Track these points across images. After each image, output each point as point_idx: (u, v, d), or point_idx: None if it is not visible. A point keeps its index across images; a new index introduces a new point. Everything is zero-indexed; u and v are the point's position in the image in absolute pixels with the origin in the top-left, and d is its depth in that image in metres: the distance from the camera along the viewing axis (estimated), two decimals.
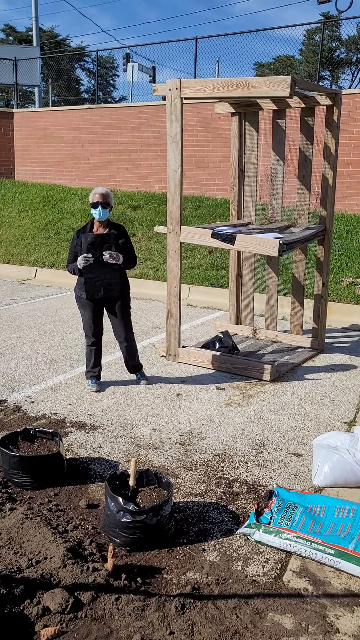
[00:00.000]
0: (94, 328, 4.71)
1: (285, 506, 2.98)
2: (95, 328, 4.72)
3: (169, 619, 2.32)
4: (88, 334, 4.73)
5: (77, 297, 4.69)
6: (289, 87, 4.30)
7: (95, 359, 4.79)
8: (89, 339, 4.74)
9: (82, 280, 4.54)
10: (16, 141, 14.72)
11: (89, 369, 4.83)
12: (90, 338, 4.73)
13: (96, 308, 4.66)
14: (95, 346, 4.76)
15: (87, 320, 4.69)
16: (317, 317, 5.97)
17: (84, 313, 4.69)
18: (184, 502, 3.21)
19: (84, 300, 4.62)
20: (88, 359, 4.81)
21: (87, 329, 4.72)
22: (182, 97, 4.90)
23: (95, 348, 4.76)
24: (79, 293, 4.65)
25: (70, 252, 4.63)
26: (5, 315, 7.18)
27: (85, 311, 4.68)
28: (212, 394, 4.82)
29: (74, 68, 32.41)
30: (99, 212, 4.44)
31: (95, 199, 4.44)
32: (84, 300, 4.62)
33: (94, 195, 4.46)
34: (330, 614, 2.41)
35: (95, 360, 4.80)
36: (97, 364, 4.83)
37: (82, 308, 4.70)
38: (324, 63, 20.04)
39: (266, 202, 6.21)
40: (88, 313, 4.66)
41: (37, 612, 2.27)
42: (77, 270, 4.53)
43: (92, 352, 4.77)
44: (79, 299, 4.69)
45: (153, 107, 12.17)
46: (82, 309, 4.70)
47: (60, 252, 10.21)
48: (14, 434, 3.56)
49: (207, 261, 9.12)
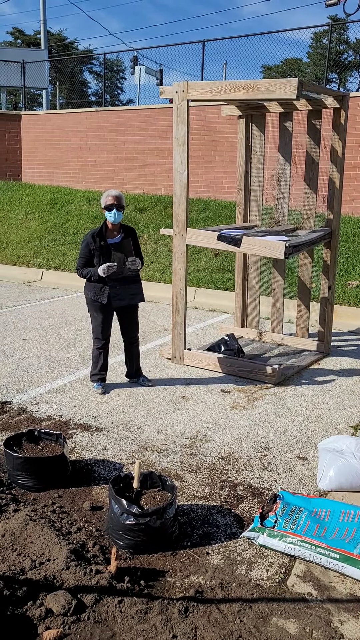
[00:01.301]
0: (106, 331, 4.72)
1: (290, 510, 2.96)
2: (107, 331, 4.72)
3: (172, 622, 2.30)
4: (99, 336, 4.72)
5: (91, 301, 4.64)
6: (295, 90, 4.30)
7: (104, 361, 4.79)
8: (99, 342, 4.73)
9: (98, 286, 4.53)
10: (23, 143, 14.78)
11: (96, 371, 4.82)
12: (100, 341, 4.72)
13: (110, 312, 4.68)
14: (104, 349, 4.76)
15: (99, 324, 4.68)
16: (323, 320, 5.95)
17: (97, 316, 4.67)
18: (188, 505, 3.20)
19: (99, 304, 4.60)
20: (96, 361, 4.80)
21: (98, 332, 4.71)
22: (189, 99, 4.90)
23: (104, 351, 4.77)
24: (94, 297, 4.59)
25: (83, 256, 4.55)
26: (11, 317, 7.19)
27: (98, 315, 4.66)
28: (217, 396, 4.80)
29: (82, 71, 32.55)
30: (114, 215, 4.46)
31: (109, 201, 4.44)
32: (99, 304, 4.60)
33: (107, 198, 4.46)
34: (334, 619, 2.39)
35: (104, 363, 4.80)
36: (106, 367, 4.83)
37: (95, 311, 4.66)
38: (332, 66, 20.03)
39: (272, 204, 6.20)
40: (101, 317, 4.65)
41: (40, 614, 2.27)
42: (94, 277, 4.49)
43: (101, 354, 4.77)
44: (92, 303, 4.64)
45: (160, 110, 12.20)
46: (95, 312, 4.67)
47: (66, 254, 10.23)
48: (18, 436, 3.57)
49: (213, 264, 9.11)
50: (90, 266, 4.56)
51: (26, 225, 11.62)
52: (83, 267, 4.57)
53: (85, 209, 11.70)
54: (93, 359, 4.82)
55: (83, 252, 4.55)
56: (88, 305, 4.71)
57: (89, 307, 4.70)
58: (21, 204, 12.50)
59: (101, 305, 4.61)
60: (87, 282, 4.64)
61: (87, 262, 4.54)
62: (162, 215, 10.76)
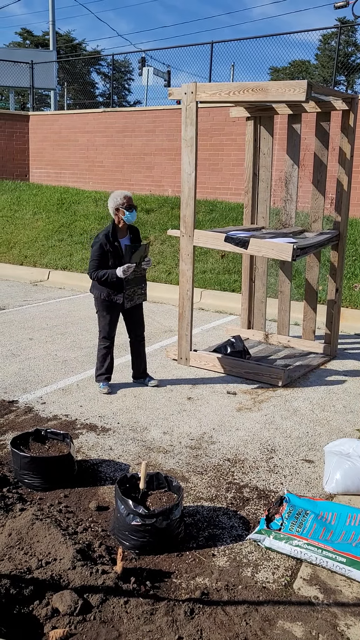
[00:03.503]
0: (113, 331, 4.74)
1: (296, 513, 2.95)
2: (114, 331, 4.75)
3: (177, 623, 2.30)
4: (107, 336, 4.73)
5: (102, 301, 4.63)
6: (305, 92, 4.29)
7: (111, 361, 4.81)
8: (106, 342, 4.74)
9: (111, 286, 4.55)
10: (31, 144, 14.83)
11: (102, 371, 4.83)
12: (107, 340, 4.74)
13: (118, 312, 4.72)
14: (110, 349, 4.78)
15: (108, 323, 4.69)
16: (330, 322, 5.93)
17: (106, 316, 4.67)
18: (194, 506, 3.19)
19: (111, 304, 4.62)
20: (102, 361, 4.80)
21: (106, 332, 4.72)
22: (198, 101, 4.90)
23: (111, 350, 4.79)
24: (108, 297, 4.59)
25: (96, 258, 4.49)
26: (18, 317, 7.21)
27: (107, 315, 4.67)
28: (223, 398, 4.80)
29: (90, 72, 32.65)
30: (134, 215, 4.56)
31: (128, 202, 4.51)
32: (111, 304, 4.62)
33: (123, 199, 4.49)
34: (341, 623, 2.38)
35: (110, 362, 4.82)
36: (112, 367, 4.85)
37: (105, 311, 4.66)
38: (340, 68, 19.99)
39: (280, 206, 6.19)
40: (110, 316, 4.67)
41: (46, 614, 2.27)
42: (112, 278, 4.47)
43: (108, 354, 4.78)
44: (102, 302, 4.63)
45: (167, 111, 12.20)
46: (105, 312, 4.67)
47: (73, 255, 10.25)
48: (25, 435, 3.58)
49: (219, 265, 9.11)
50: (103, 268, 4.55)
51: (33, 225, 11.65)
52: (97, 270, 4.53)
53: (92, 210, 11.72)
54: (99, 359, 4.82)
55: (97, 254, 4.49)
56: (97, 305, 4.70)
57: (99, 307, 4.70)
58: (28, 204, 12.54)
59: (111, 305, 4.62)
60: (97, 283, 4.61)
61: (100, 264, 4.52)
62: (168, 217, 10.76)
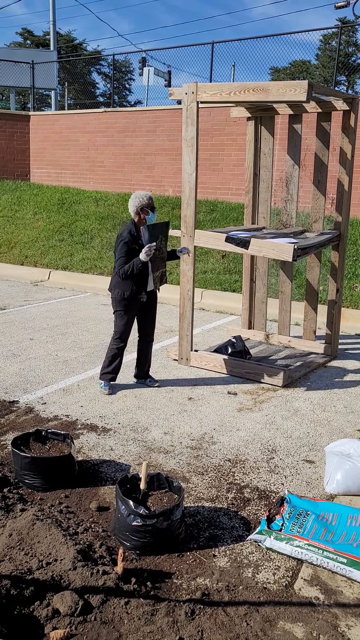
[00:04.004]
0: (129, 333, 4.73)
1: (297, 513, 2.95)
2: (129, 333, 4.73)
3: (178, 624, 2.30)
4: (122, 337, 4.70)
5: (122, 300, 4.59)
6: (305, 92, 4.29)
7: (119, 363, 4.79)
8: (120, 342, 4.72)
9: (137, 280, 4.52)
10: (32, 144, 14.83)
11: (108, 370, 4.78)
12: (121, 342, 4.72)
13: (136, 312, 4.70)
14: (122, 350, 4.76)
15: (125, 324, 4.67)
16: (330, 323, 5.93)
17: (124, 316, 4.65)
18: (195, 506, 3.19)
19: (130, 304, 4.60)
20: (111, 360, 4.76)
21: (123, 332, 4.69)
22: (199, 101, 4.90)
23: (122, 352, 4.77)
24: (131, 295, 4.56)
25: (124, 255, 4.46)
26: (18, 317, 7.22)
27: (126, 315, 4.64)
28: (223, 398, 4.80)
29: (90, 72, 32.66)
30: (154, 216, 4.59)
31: (151, 203, 4.53)
32: (130, 304, 4.60)
33: (145, 200, 4.50)
34: (341, 624, 2.38)
35: (119, 364, 4.79)
36: (119, 368, 4.83)
37: (124, 311, 4.63)
38: (340, 68, 19.98)
39: (281, 206, 6.19)
40: (128, 317, 4.65)
41: (47, 614, 2.27)
42: (137, 266, 4.42)
43: (119, 356, 4.76)
44: (122, 302, 4.60)
45: (168, 111, 12.20)
46: (123, 312, 4.63)
47: (74, 255, 10.25)
48: (26, 435, 3.58)
49: (220, 265, 9.11)
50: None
51: (34, 225, 11.65)
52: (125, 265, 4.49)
53: (93, 210, 11.72)
54: (108, 357, 4.76)
55: (124, 251, 4.47)
56: (116, 305, 4.65)
57: (118, 307, 4.65)
58: (29, 204, 12.54)
59: (131, 305, 4.60)
60: (121, 280, 4.54)
61: (128, 260, 4.49)
62: (169, 217, 10.76)
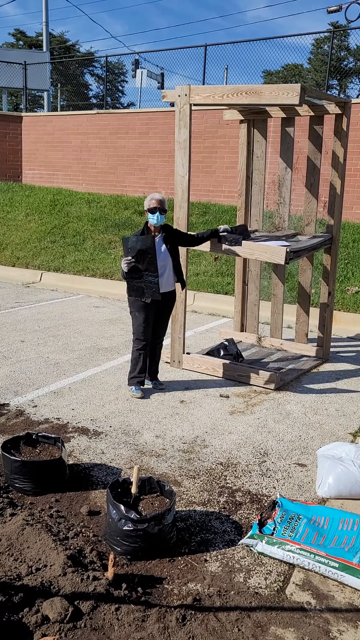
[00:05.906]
0: (148, 332, 4.69)
1: (289, 517, 2.94)
2: (148, 332, 4.70)
3: (169, 630, 2.28)
4: (140, 337, 4.68)
5: (134, 301, 4.60)
6: (298, 95, 4.29)
7: (143, 363, 4.75)
8: (140, 343, 4.69)
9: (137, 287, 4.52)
10: (24, 145, 14.77)
11: (135, 374, 4.76)
12: (141, 342, 4.69)
13: (152, 311, 4.65)
14: (144, 350, 4.72)
15: (142, 323, 4.65)
16: (322, 325, 5.93)
17: (139, 316, 4.63)
18: (187, 511, 3.17)
19: (143, 303, 4.58)
20: (135, 364, 4.74)
21: (140, 333, 4.67)
22: (191, 103, 4.89)
23: (144, 352, 4.73)
24: (142, 297, 4.55)
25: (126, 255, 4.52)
26: (9, 318, 7.17)
27: (140, 314, 4.63)
28: (215, 401, 4.78)
29: (83, 73, 32.62)
30: (157, 218, 4.52)
31: (153, 204, 4.50)
32: (143, 303, 4.58)
33: (151, 201, 4.51)
34: (333, 629, 2.37)
35: (143, 365, 4.76)
36: (145, 369, 4.80)
37: (137, 310, 4.63)
38: (332, 72, 20.09)
39: (273, 209, 6.19)
40: (143, 316, 4.63)
41: (36, 621, 2.24)
42: (123, 276, 4.55)
43: (141, 356, 4.72)
44: (135, 302, 4.60)
45: (161, 113, 12.21)
46: (137, 312, 4.63)
47: (65, 256, 10.21)
48: (16, 439, 3.54)
49: (212, 268, 9.10)
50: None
51: (26, 226, 11.60)
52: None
53: (85, 211, 11.69)
54: (132, 362, 4.76)
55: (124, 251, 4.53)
56: (131, 306, 4.67)
57: (132, 307, 4.67)
58: (21, 205, 12.48)
59: (144, 305, 4.58)
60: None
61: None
62: None
